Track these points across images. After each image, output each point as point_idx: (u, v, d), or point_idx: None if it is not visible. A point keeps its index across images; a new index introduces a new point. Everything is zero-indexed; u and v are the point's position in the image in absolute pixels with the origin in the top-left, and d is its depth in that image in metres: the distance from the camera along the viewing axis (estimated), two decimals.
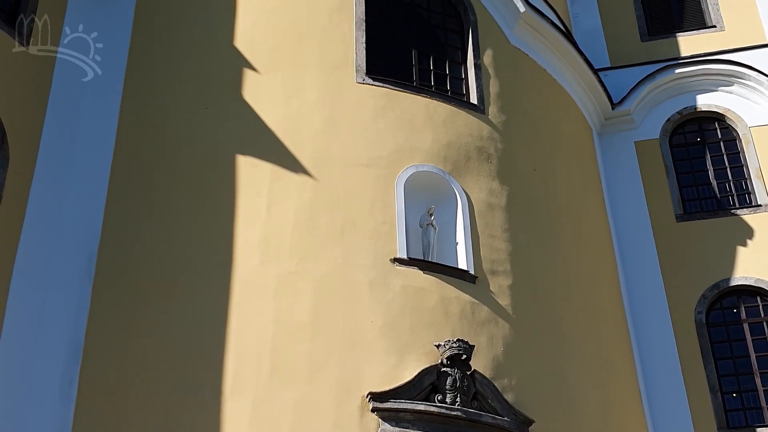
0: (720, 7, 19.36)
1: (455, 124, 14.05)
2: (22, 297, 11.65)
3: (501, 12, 15.87)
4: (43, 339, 11.65)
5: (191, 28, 14.24)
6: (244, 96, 13.53)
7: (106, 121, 13.45)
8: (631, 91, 17.94)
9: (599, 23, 19.63)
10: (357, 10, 14.52)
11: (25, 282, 11.75)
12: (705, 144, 17.91)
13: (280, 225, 12.44)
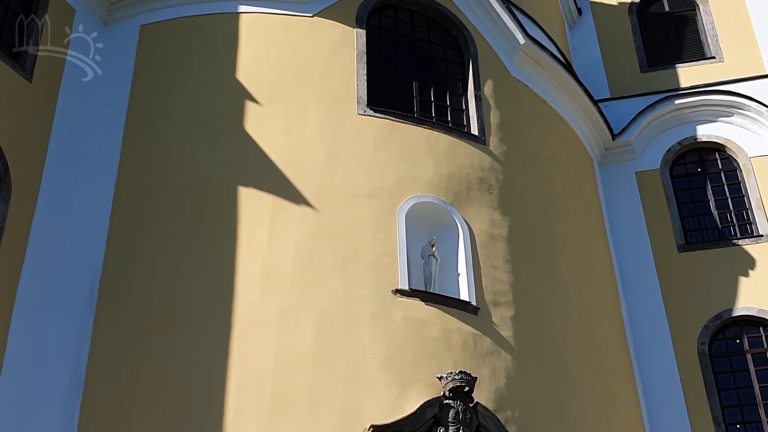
0: (719, 38, 19.49)
1: (456, 155, 14.08)
2: (24, 329, 11.60)
3: (501, 44, 15.96)
4: (44, 371, 11.59)
5: (194, 60, 14.31)
6: (246, 128, 13.56)
7: (108, 153, 13.48)
8: (631, 122, 18.02)
9: (599, 54, 19.76)
10: (358, 42, 14.61)
11: (26, 314, 11.71)
12: (706, 174, 17.94)
13: (281, 256, 12.42)
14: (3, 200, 11.85)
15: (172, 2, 14.69)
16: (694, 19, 20.12)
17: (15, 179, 12.13)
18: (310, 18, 14.71)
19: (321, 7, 14.80)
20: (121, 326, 12.08)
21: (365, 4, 15.05)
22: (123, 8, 14.76)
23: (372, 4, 15.11)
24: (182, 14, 14.65)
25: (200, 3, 14.65)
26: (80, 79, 13.86)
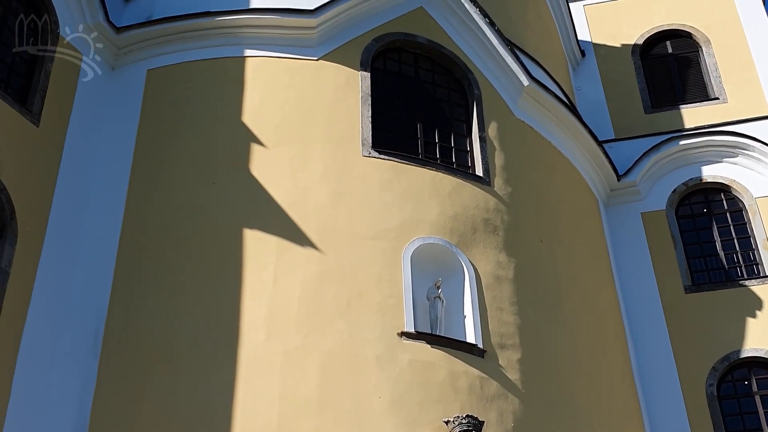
0: (722, 79, 19.57)
1: (461, 197, 14.08)
2: (29, 373, 11.55)
3: (505, 85, 16.02)
4: (49, 416, 11.52)
5: (200, 104, 14.40)
6: (251, 170, 13.60)
7: (114, 196, 13.51)
8: (636, 163, 18.04)
9: (602, 96, 19.85)
10: (362, 85, 14.69)
11: (31, 358, 11.66)
12: (711, 215, 17.92)
13: (286, 299, 12.38)
14: (9, 244, 11.86)
15: (179, 47, 14.82)
16: (697, 60, 20.22)
17: (21, 223, 12.16)
18: (316, 61, 14.81)
19: (326, 51, 14.92)
20: (125, 370, 12.01)
21: (370, 47, 15.15)
22: (130, 53, 14.89)
23: (376, 47, 15.21)
24: (189, 58, 14.78)
25: (207, 47, 14.79)
26: (88, 122, 13.93)
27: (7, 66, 13.09)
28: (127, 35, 14.83)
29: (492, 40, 15.97)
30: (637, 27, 20.66)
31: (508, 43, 16.15)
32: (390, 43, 15.43)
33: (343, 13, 15.13)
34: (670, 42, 20.65)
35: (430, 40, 15.72)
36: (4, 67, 13.05)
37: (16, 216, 12.10)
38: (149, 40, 14.87)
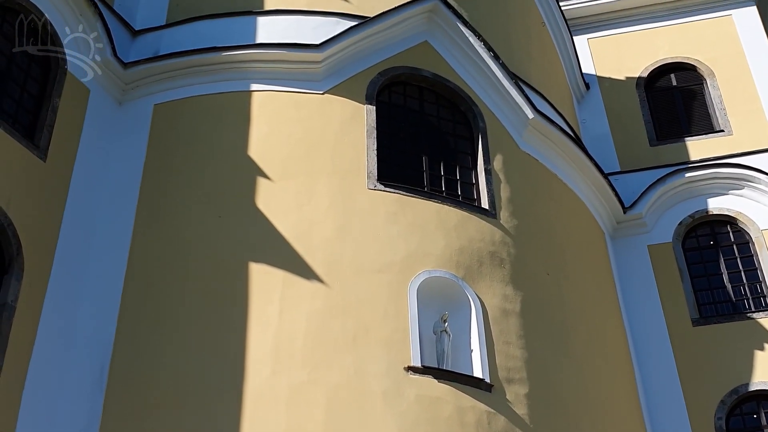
0: (727, 112, 19.59)
1: (467, 229, 14.06)
2: (35, 407, 11.49)
3: (510, 118, 16.06)
4: None
5: (206, 138, 14.44)
6: (257, 204, 13.61)
7: (120, 231, 13.51)
8: (642, 195, 18.01)
9: (607, 128, 19.86)
10: (368, 118, 14.73)
11: (37, 393, 11.61)
12: (718, 247, 17.87)
13: (291, 333, 12.34)
14: (15, 279, 11.85)
15: (186, 81, 14.89)
16: (701, 93, 20.26)
17: (28, 258, 12.15)
18: (321, 95, 14.88)
19: (332, 85, 14.98)
20: (131, 405, 11.95)
21: (375, 81, 15.22)
22: (137, 88, 14.95)
23: (382, 81, 15.28)
24: (196, 93, 14.83)
25: (214, 82, 14.85)
26: (95, 157, 13.96)
27: (14, 101, 13.15)
28: (134, 70, 14.90)
29: (496, 73, 16.03)
30: (641, 60, 20.72)
31: (513, 76, 16.20)
32: (395, 76, 15.50)
33: (348, 48, 15.21)
34: (674, 75, 20.68)
35: (434, 73, 15.78)
36: (12, 102, 13.12)
37: (22, 251, 12.09)
38: (156, 75, 14.92)
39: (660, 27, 21.21)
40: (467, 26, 16.13)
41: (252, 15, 15.81)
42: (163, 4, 16.41)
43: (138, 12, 16.24)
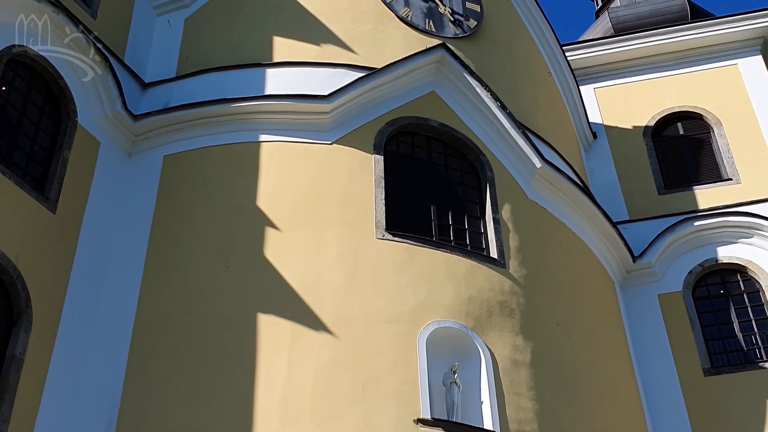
0: (735, 160, 19.60)
1: (476, 279, 14.01)
2: None
3: (517, 167, 16.08)
4: None
5: (215, 188, 14.48)
6: (266, 254, 13.60)
7: (129, 283, 13.49)
8: (651, 244, 17.94)
9: (615, 177, 19.86)
10: (376, 168, 14.77)
11: None
12: (728, 296, 17.76)
13: (300, 385, 12.25)
14: (24, 331, 11.82)
15: (195, 133, 14.97)
16: (709, 141, 20.29)
17: (36, 310, 12.13)
18: (329, 145, 14.94)
19: (340, 135, 15.05)
20: None
21: (383, 131, 15.28)
22: (147, 140, 15.04)
23: (389, 131, 15.34)
24: (205, 144, 14.90)
25: (223, 133, 14.93)
26: (104, 209, 14.00)
27: (25, 154, 13.24)
28: (144, 122, 14.99)
29: (504, 122, 16.09)
30: (648, 109, 20.80)
31: (520, 126, 16.27)
32: (403, 126, 15.57)
33: (356, 98, 15.31)
34: (681, 123, 20.73)
35: (442, 123, 15.86)
36: (23, 155, 13.21)
37: (31, 303, 12.08)
38: (166, 126, 15.01)
39: (666, 76, 21.32)
40: (474, 76, 16.23)
41: (261, 67, 15.94)
42: (173, 57, 16.58)
43: (148, 65, 16.42)
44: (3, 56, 13.27)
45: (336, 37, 16.62)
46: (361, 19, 16.99)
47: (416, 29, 17.16)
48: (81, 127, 14.18)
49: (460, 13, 17.99)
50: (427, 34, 17.14)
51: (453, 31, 17.55)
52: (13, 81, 13.55)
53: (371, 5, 17.27)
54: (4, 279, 12.02)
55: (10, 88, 13.41)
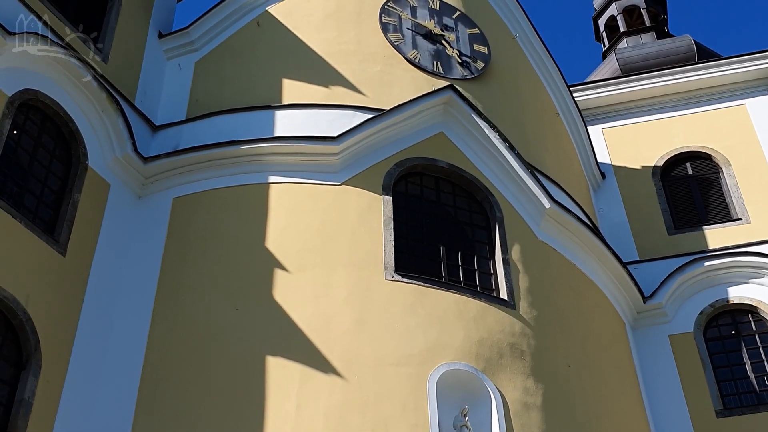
0: (744, 200, 19.56)
1: (486, 321, 13.93)
2: None
3: (526, 208, 16.07)
4: None
5: (224, 230, 14.48)
6: (274, 296, 13.56)
7: (137, 326, 13.45)
8: (661, 285, 17.86)
9: (625, 217, 19.82)
10: (385, 209, 14.77)
11: None
12: (740, 337, 17.64)
13: (309, 429, 12.14)
14: (33, 375, 11.78)
15: (204, 175, 15.01)
16: (718, 181, 20.27)
17: (45, 354, 12.10)
18: (338, 186, 14.96)
19: (348, 176, 15.07)
20: None
21: (391, 171, 15.31)
22: (157, 182, 15.09)
23: (398, 171, 15.36)
24: (214, 186, 14.93)
25: (232, 175, 14.97)
26: (113, 251, 14.00)
27: (36, 197, 13.29)
28: (154, 165, 15.06)
29: (512, 163, 16.11)
30: (656, 149, 20.82)
31: (528, 166, 16.28)
32: (411, 167, 15.59)
33: (364, 140, 15.35)
34: (690, 163, 20.71)
35: (450, 163, 15.88)
36: (33, 198, 13.26)
37: (40, 347, 12.05)
38: (176, 169, 15.07)
39: (674, 116, 21.36)
40: (482, 117, 16.29)
41: (270, 109, 16.03)
42: (184, 100, 16.70)
43: (159, 107, 16.52)
44: (15, 100, 13.39)
45: (345, 79, 16.73)
46: (369, 61, 17.10)
47: (424, 71, 17.26)
48: (91, 170, 14.24)
49: (468, 54, 18.11)
50: (435, 75, 17.23)
51: (461, 72, 17.64)
52: (24, 125, 13.65)
53: (379, 47, 17.39)
54: (13, 322, 12.00)
55: (21, 132, 13.51)
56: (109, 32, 16.16)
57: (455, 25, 18.51)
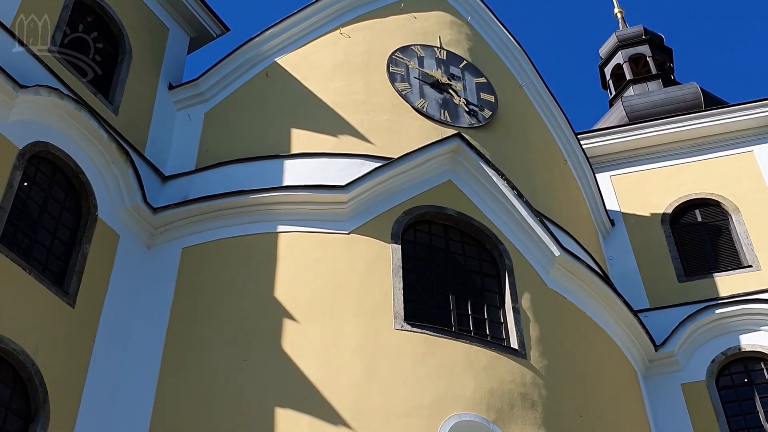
0: (754, 247, 19.47)
1: (497, 370, 13.82)
2: None
3: (536, 256, 16.02)
4: None
5: (233, 280, 14.46)
6: (283, 346, 13.50)
7: (146, 377, 13.36)
8: (673, 333, 17.69)
9: (635, 265, 19.70)
10: (393, 257, 14.75)
11: None
12: (753, 385, 17.43)
13: None
14: (41, 428, 11.69)
15: (213, 225, 15.02)
16: (727, 228, 20.19)
17: (54, 407, 12.01)
18: (347, 235, 14.96)
19: (357, 224, 15.08)
20: None
21: (400, 220, 15.31)
22: (166, 232, 15.10)
23: (407, 219, 15.36)
24: (223, 236, 14.94)
25: (241, 224, 14.98)
26: (122, 302, 13.98)
27: (45, 248, 13.32)
28: (163, 215, 15.09)
29: (521, 211, 16.10)
30: (665, 196, 20.78)
31: (537, 214, 16.27)
32: (420, 215, 15.60)
33: (373, 188, 15.39)
34: (699, 210, 20.65)
35: (459, 212, 15.87)
36: (43, 249, 13.29)
37: (49, 399, 11.98)
38: (185, 219, 15.09)
39: (682, 164, 21.33)
40: (490, 165, 16.32)
41: (279, 158, 16.11)
42: (193, 150, 16.79)
43: (169, 158, 16.59)
44: (26, 152, 13.49)
45: (353, 128, 16.84)
46: (377, 111, 17.22)
47: (432, 119, 17.36)
48: (101, 221, 14.28)
49: (475, 103, 18.22)
50: (442, 124, 17.32)
51: (468, 121, 17.73)
52: (35, 176, 13.73)
53: (387, 97, 17.51)
54: (22, 375, 11.95)
55: (32, 184, 13.58)
56: (120, 84, 16.35)
57: (462, 74, 18.65)
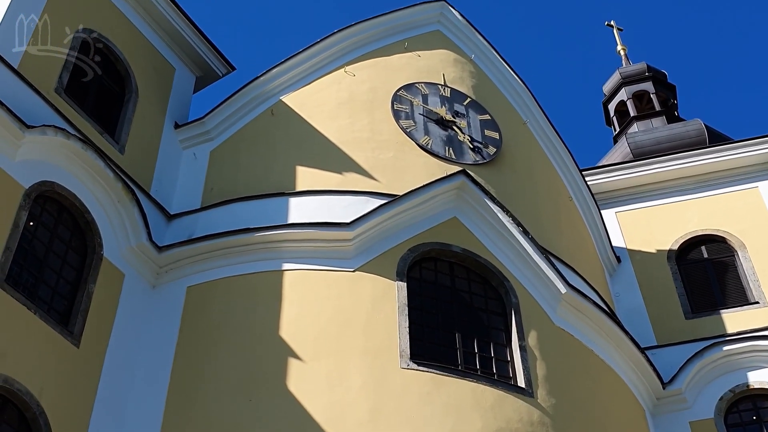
0: (760, 283, 19.40)
1: (504, 409, 13.70)
2: None
3: (542, 293, 15.94)
4: None
5: (238, 319, 14.40)
6: (288, 385, 13.41)
7: (151, 416, 13.25)
8: (680, 370, 17.56)
9: (641, 301, 19.63)
10: (399, 295, 14.69)
11: None
12: (761, 422, 17.27)
13: None
14: None
15: (219, 263, 15.00)
16: (734, 264, 20.13)
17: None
18: (352, 272, 14.92)
19: (362, 262, 15.03)
20: None
21: (405, 257, 15.26)
22: (171, 271, 15.08)
23: (412, 257, 15.31)
24: (228, 274, 14.91)
25: (246, 262, 14.95)
26: (128, 342, 13.92)
27: (50, 288, 13.31)
28: (168, 254, 15.08)
29: (526, 248, 16.05)
30: (671, 233, 20.74)
31: (543, 251, 16.21)
32: (425, 252, 15.54)
33: (378, 225, 15.37)
34: (705, 247, 20.58)
35: (464, 248, 15.82)
36: (48, 289, 13.28)
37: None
38: (190, 257, 15.07)
39: (687, 200, 21.33)
40: (495, 202, 16.30)
41: (284, 196, 16.13)
42: (199, 188, 16.83)
43: (174, 196, 16.62)
44: (32, 192, 13.52)
45: (358, 166, 16.87)
46: (382, 148, 17.26)
47: (436, 156, 17.39)
48: (106, 260, 14.28)
49: (479, 140, 18.26)
50: (447, 161, 17.34)
51: (473, 157, 17.76)
52: (41, 216, 13.75)
53: (392, 134, 17.57)
54: (27, 415, 11.89)
55: (37, 224, 13.60)
56: (126, 123, 16.44)
57: (466, 111, 18.72)
